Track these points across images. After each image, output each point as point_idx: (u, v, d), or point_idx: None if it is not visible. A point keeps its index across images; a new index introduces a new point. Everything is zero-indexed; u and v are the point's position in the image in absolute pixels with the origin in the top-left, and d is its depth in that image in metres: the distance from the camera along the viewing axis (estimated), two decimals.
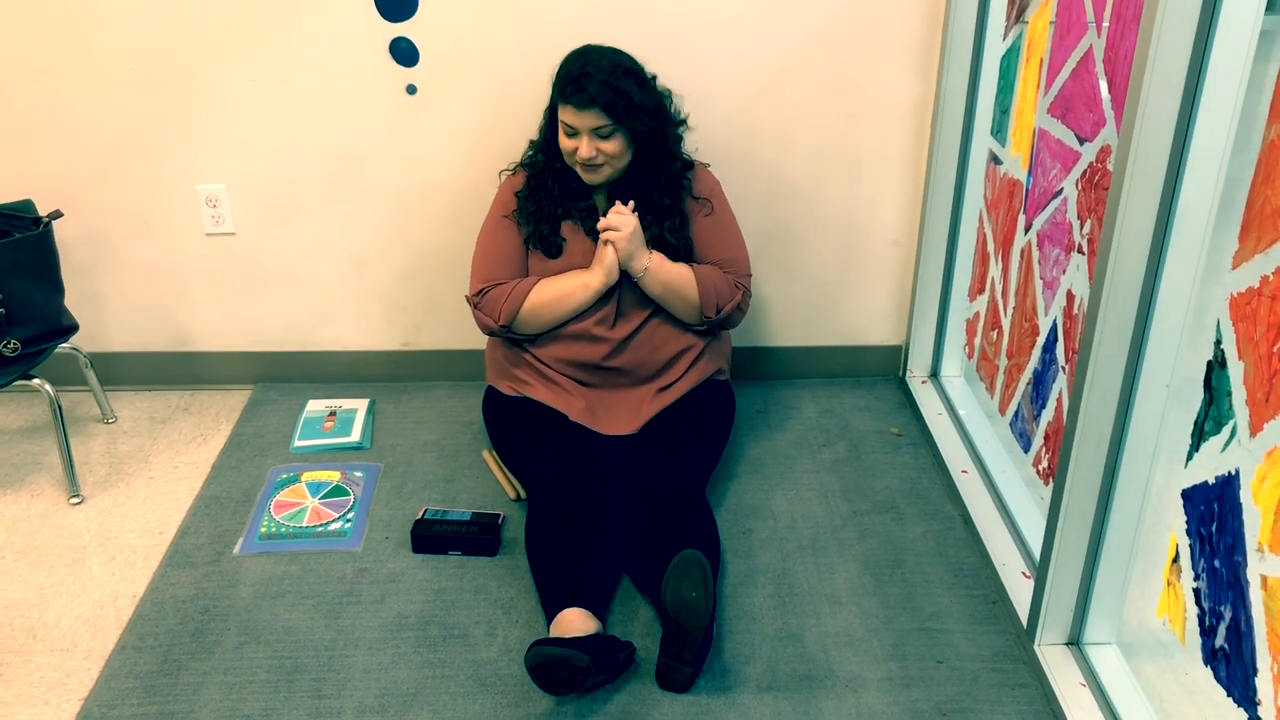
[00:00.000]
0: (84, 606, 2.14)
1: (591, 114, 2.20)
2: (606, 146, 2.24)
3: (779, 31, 2.54)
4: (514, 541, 2.28)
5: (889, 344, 2.94)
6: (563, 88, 2.23)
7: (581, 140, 2.24)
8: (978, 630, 2.05)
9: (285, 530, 2.33)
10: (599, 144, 2.24)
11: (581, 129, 2.23)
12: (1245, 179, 1.45)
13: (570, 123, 2.23)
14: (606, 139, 2.24)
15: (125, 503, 2.46)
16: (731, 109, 2.62)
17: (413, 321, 2.88)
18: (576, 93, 2.20)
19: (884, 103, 2.63)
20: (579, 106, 2.20)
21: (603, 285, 2.31)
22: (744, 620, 2.08)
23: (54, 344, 2.48)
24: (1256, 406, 1.43)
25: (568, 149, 2.28)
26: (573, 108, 2.21)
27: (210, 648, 2.02)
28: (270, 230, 2.75)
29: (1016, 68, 2.32)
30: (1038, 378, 2.21)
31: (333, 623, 2.08)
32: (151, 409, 2.84)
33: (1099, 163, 1.89)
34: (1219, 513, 1.53)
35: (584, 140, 2.23)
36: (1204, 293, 1.62)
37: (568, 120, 2.24)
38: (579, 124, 2.22)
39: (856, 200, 2.75)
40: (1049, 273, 2.14)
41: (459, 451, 2.62)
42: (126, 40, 2.51)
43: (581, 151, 2.24)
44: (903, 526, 2.34)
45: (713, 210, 2.41)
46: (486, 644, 2.02)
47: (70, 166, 2.64)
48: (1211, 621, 1.57)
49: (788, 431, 2.70)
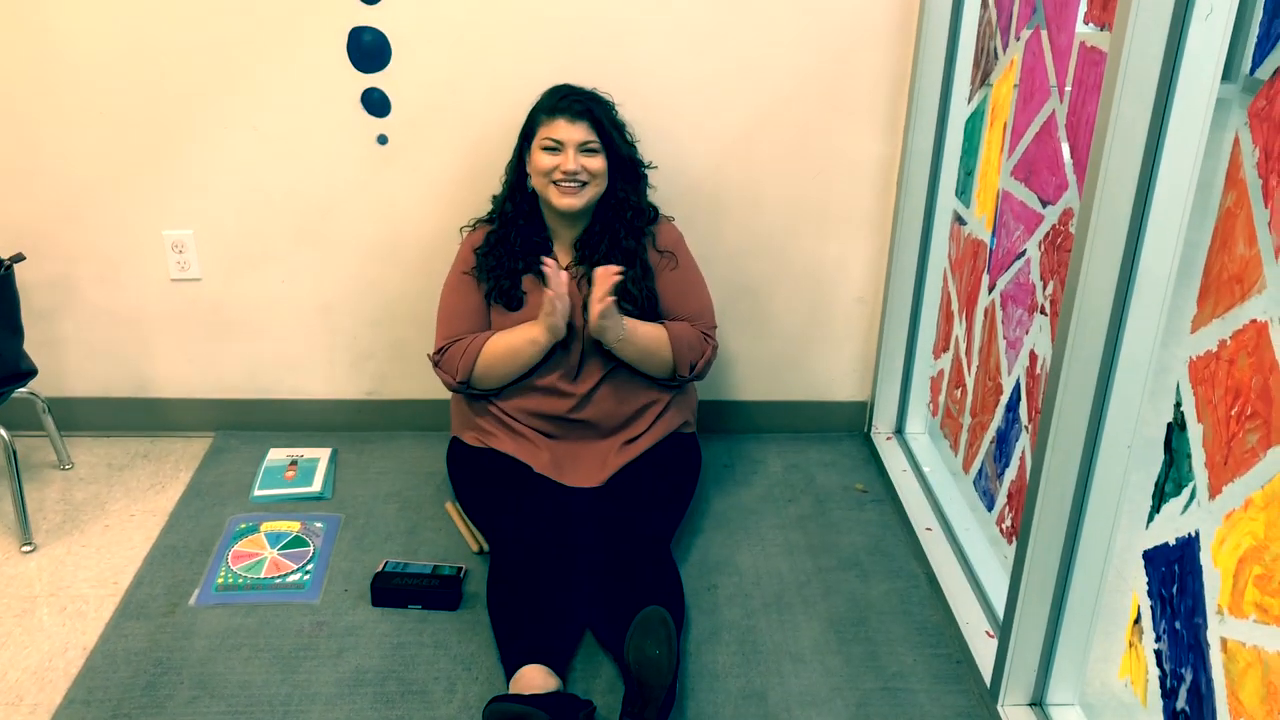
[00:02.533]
0: (31, 658, 2.09)
1: (581, 127, 2.25)
2: (590, 164, 2.28)
3: (749, 90, 2.57)
4: (476, 595, 2.25)
5: (854, 400, 2.96)
6: (553, 104, 2.28)
7: (567, 153, 2.26)
8: (942, 690, 2.04)
9: (243, 581, 2.30)
10: (583, 159, 2.27)
11: (568, 143, 2.26)
12: (1204, 244, 1.47)
13: (557, 137, 2.26)
14: (591, 155, 2.27)
15: (79, 551, 2.41)
16: (701, 165, 2.64)
17: (379, 370, 2.86)
18: (571, 105, 2.26)
19: (851, 162, 2.66)
20: (571, 118, 2.25)
21: (549, 342, 2.31)
22: (707, 678, 2.05)
23: (11, 388, 2.45)
24: (1215, 469, 1.44)
25: (548, 167, 2.28)
26: (564, 120, 2.25)
27: (162, 702, 1.97)
28: (237, 277, 2.73)
29: (981, 130, 2.36)
30: (1001, 436, 2.22)
31: (289, 677, 2.04)
32: (110, 455, 2.80)
33: (1061, 225, 1.92)
34: (1179, 574, 1.53)
35: (569, 153, 2.26)
36: (1165, 354, 1.64)
37: (555, 135, 2.26)
38: (567, 137, 2.25)
39: (823, 257, 2.77)
40: (1012, 332, 2.16)
41: (421, 503, 2.60)
42: (95, 83, 2.51)
43: (566, 164, 2.26)
44: (867, 584, 2.34)
45: (678, 264, 2.42)
46: (445, 700, 1.99)
47: (35, 209, 2.62)
48: (1173, 684, 1.57)
49: (753, 486, 2.70)
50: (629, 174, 2.37)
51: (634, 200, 2.37)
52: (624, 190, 2.36)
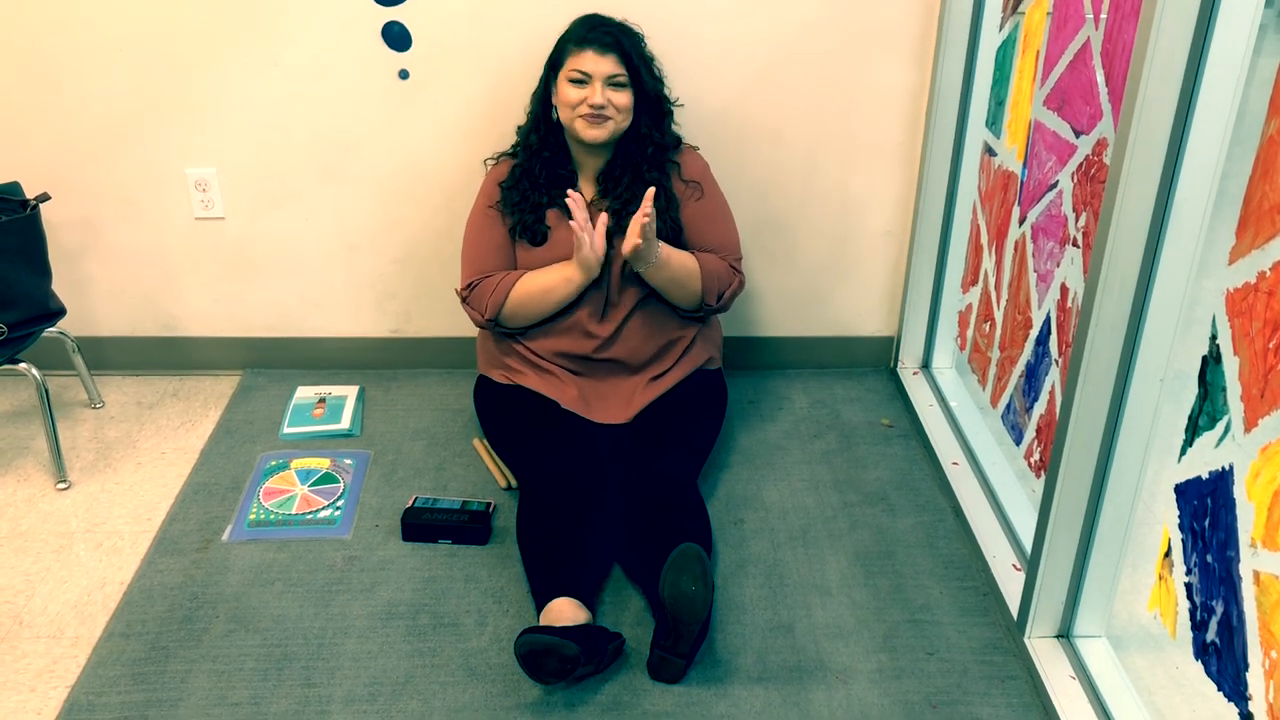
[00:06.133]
0: (71, 593, 2.13)
1: (610, 59, 2.23)
2: (617, 98, 2.25)
3: (773, 19, 2.53)
4: (504, 530, 2.28)
5: (881, 335, 2.94)
6: (583, 34, 2.26)
7: (594, 86, 2.24)
8: (968, 622, 2.05)
9: (274, 517, 2.32)
10: (610, 94, 2.25)
11: (596, 75, 2.23)
12: (1242, 174, 1.45)
13: (585, 69, 2.24)
14: (619, 90, 2.25)
15: (113, 488, 2.44)
16: (725, 97, 2.60)
17: (403, 309, 2.86)
18: (601, 36, 2.24)
19: (878, 92, 2.62)
20: (600, 50, 2.23)
21: (584, 280, 2.30)
22: (735, 611, 2.07)
23: (41, 328, 2.46)
24: (1251, 402, 1.43)
25: (574, 100, 2.26)
26: (593, 51, 2.23)
27: (198, 635, 2.01)
28: (260, 215, 2.73)
29: (1012, 59, 2.31)
30: (1030, 370, 2.20)
31: (322, 611, 2.07)
32: (139, 394, 2.82)
33: (1095, 156, 1.89)
34: (1212, 508, 1.53)
35: (596, 86, 2.24)
36: (1196, 287, 1.62)
37: (583, 67, 2.24)
38: (595, 69, 2.23)
39: (850, 189, 2.74)
40: (1043, 265, 2.13)
41: (449, 439, 2.61)
42: (117, 22, 2.48)
43: (594, 98, 2.24)
44: (893, 518, 2.34)
45: (704, 194, 2.40)
46: (477, 633, 2.01)
47: (59, 149, 2.62)
48: (1203, 616, 1.57)
49: (779, 422, 2.70)
50: (654, 110, 2.34)
51: (656, 136, 2.35)
52: (647, 126, 2.33)
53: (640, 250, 2.21)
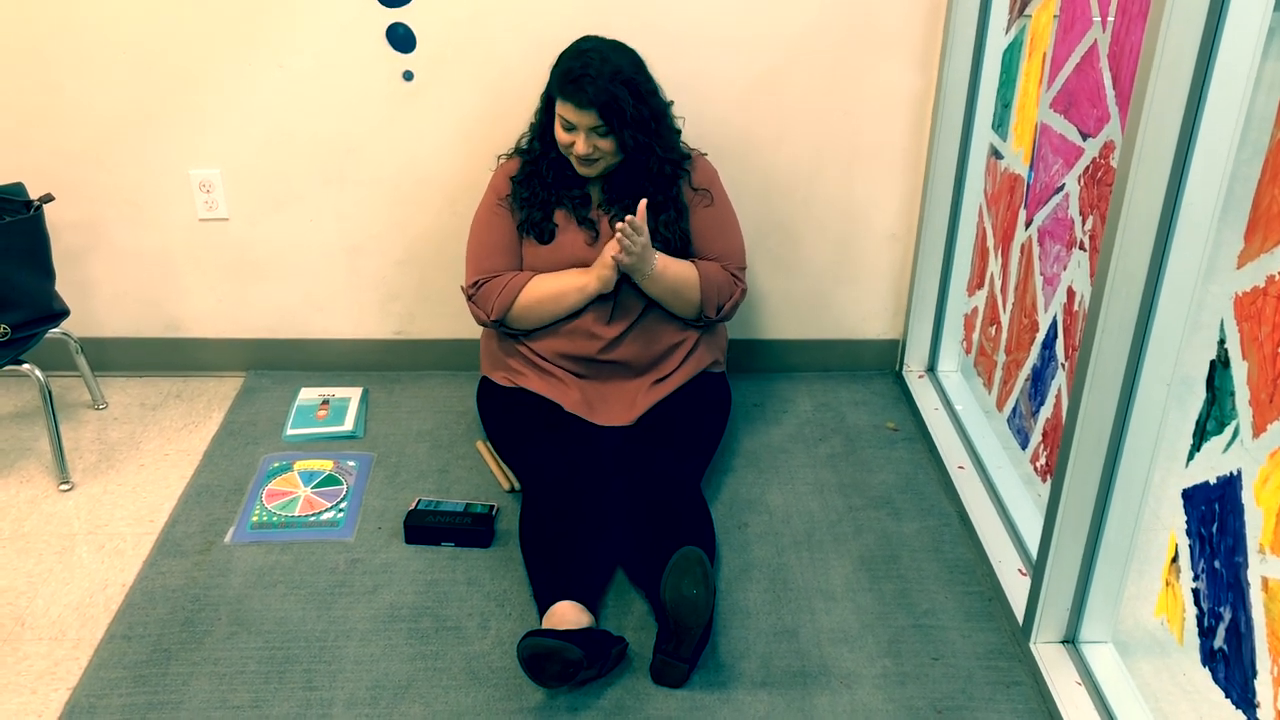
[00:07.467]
0: (73, 594, 2.12)
1: (590, 115, 2.19)
2: (603, 144, 2.24)
3: (778, 22, 2.52)
4: (508, 533, 2.27)
5: (886, 338, 2.93)
6: (562, 84, 2.21)
7: (579, 136, 2.22)
8: (973, 627, 2.04)
9: (277, 519, 2.32)
10: (596, 141, 2.23)
11: (579, 126, 2.21)
12: (1250, 177, 1.44)
13: (568, 118, 2.22)
14: (603, 137, 2.23)
15: (115, 490, 2.44)
16: (729, 100, 2.60)
17: (406, 310, 2.86)
18: (576, 92, 2.18)
19: (884, 95, 2.61)
20: (578, 106, 2.19)
21: (599, 291, 2.29)
22: (739, 615, 2.06)
23: (44, 329, 2.46)
24: (1260, 407, 1.42)
25: (564, 141, 2.26)
26: (572, 106, 2.20)
27: (200, 638, 2.00)
28: (264, 216, 2.72)
29: (1019, 62, 2.30)
30: (1036, 374, 2.19)
31: (324, 613, 2.06)
32: (143, 395, 2.82)
33: (1102, 159, 1.88)
34: (1220, 513, 1.52)
35: (581, 136, 2.22)
36: (1203, 290, 1.61)
37: (566, 116, 2.22)
38: (577, 121, 2.21)
39: (855, 193, 2.73)
40: (1049, 269, 2.13)
41: (453, 442, 2.60)
42: (121, 23, 2.48)
43: (578, 148, 2.23)
44: (898, 522, 2.33)
45: (712, 201, 2.40)
46: (479, 636, 2.01)
47: (63, 150, 2.62)
48: (1210, 622, 1.56)
49: (783, 425, 2.69)
50: (645, 152, 2.28)
51: (660, 153, 2.30)
52: (647, 151, 2.28)
53: (632, 263, 2.22)
